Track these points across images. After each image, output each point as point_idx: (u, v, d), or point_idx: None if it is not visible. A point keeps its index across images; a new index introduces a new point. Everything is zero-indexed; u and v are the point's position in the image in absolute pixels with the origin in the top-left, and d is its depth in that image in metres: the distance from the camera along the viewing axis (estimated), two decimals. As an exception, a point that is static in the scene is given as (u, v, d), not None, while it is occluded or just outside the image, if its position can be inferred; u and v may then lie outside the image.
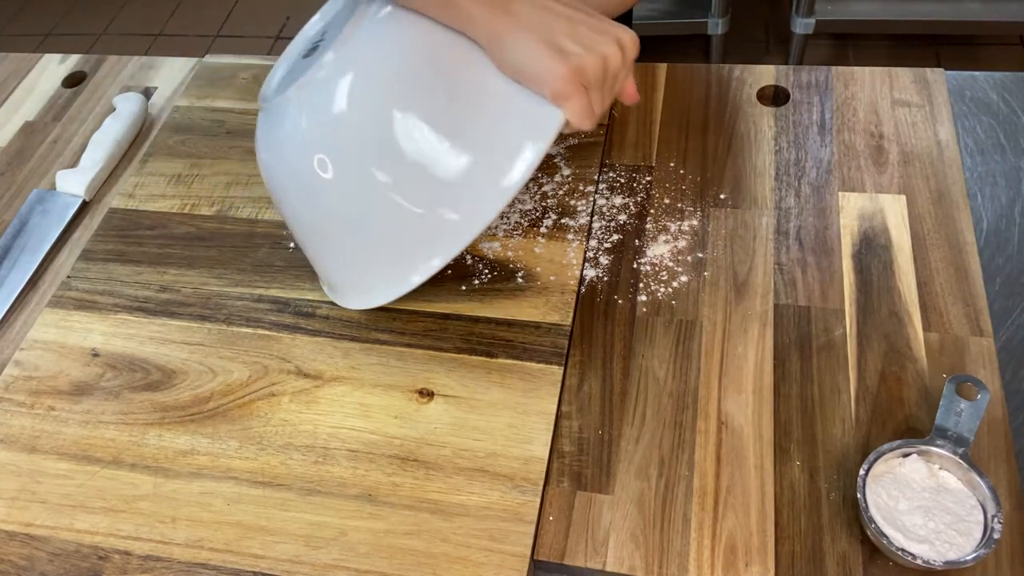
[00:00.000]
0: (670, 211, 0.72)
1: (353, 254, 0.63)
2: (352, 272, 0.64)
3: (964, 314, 0.63)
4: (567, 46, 0.53)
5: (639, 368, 0.63)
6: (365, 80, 0.57)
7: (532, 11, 0.54)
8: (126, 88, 0.92)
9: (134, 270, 0.74)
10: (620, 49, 0.55)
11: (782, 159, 0.75)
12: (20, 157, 0.87)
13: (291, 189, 0.62)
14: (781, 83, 0.81)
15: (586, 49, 0.54)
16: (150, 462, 0.62)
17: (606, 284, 0.68)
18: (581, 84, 0.54)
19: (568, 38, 0.54)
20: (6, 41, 2.35)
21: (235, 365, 0.66)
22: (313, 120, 0.59)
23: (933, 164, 0.72)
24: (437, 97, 0.56)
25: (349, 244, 0.62)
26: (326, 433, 0.62)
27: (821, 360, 0.62)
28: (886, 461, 0.54)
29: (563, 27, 0.54)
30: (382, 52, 0.58)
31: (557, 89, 0.54)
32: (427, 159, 0.56)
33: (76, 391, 0.66)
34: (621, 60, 0.56)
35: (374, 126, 0.57)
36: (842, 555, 0.53)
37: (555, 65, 0.53)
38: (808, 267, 0.67)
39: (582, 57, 0.53)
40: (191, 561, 0.57)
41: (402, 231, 0.59)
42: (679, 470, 0.58)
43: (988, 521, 0.51)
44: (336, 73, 0.57)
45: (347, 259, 0.63)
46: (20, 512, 0.60)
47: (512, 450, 0.59)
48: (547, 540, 0.56)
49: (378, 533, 0.56)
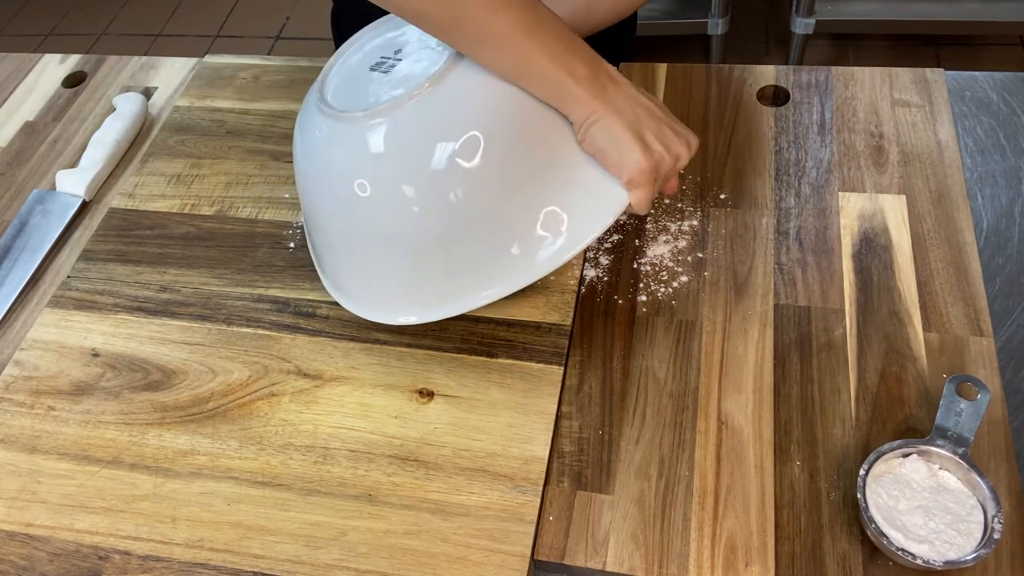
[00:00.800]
0: (670, 211, 0.72)
1: (391, 273, 0.62)
2: (378, 286, 0.64)
3: (964, 314, 0.63)
4: (651, 143, 0.57)
5: (639, 368, 0.63)
6: (460, 115, 0.58)
7: (625, 101, 0.58)
8: (126, 88, 0.92)
9: (134, 270, 0.74)
10: (688, 151, 0.60)
11: (782, 159, 0.75)
12: (20, 157, 0.87)
13: (335, 196, 0.62)
14: (781, 83, 0.81)
15: (665, 148, 0.58)
16: (150, 462, 0.62)
17: (606, 284, 0.68)
18: (655, 178, 0.58)
19: (652, 134, 0.58)
20: (6, 41, 2.35)
21: (235, 365, 0.66)
22: (398, 141, 0.58)
23: (933, 164, 0.72)
24: (521, 148, 0.58)
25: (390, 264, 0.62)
26: (326, 433, 0.62)
27: (821, 360, 0.62)
28: (886, 461, 0.54)
29: (650, 123, 0.58)
30: (478, 94, 0.58)
31: (634, 178, 0.57)
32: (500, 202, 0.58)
33: (76, 391, 0.66)
34: (687, 161, 0.60)
35: (461, 158, 0.57)
36: (842, 555, 0.53)
37: (640, 157, 0.57)
38: (808, 267, 0.67)
39: (662, 155, 0.58)
40: (191, 561, 0.57)
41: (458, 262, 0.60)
42: (679, 470, 0.58)
43: (988, 521, 0.51)
44: (429, 106, 0.57)
45: (380, 275, 0.63)
46: (20, 512, 0.60)
47: (512, 450, 0.59)
48: (547, 540, 0.56)
49: (378, 533, 0.56)
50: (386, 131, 0.58)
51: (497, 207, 0.58)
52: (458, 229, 0.58)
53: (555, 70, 0.56)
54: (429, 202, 0.58)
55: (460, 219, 0.58)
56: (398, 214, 0.59)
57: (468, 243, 0.59)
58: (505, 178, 0.58)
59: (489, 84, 0.58)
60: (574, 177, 0.59)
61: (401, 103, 0.57)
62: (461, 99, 0.58)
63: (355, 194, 0.59)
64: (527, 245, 0.59)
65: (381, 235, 0.60)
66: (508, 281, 0.59)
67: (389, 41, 0.64)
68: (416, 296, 0.62)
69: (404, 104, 0.57)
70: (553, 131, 0.59)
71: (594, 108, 0.57)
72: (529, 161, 0.58)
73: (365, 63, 0.63)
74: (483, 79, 0.58)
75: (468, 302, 0.60)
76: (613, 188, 0.59)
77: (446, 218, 0.58)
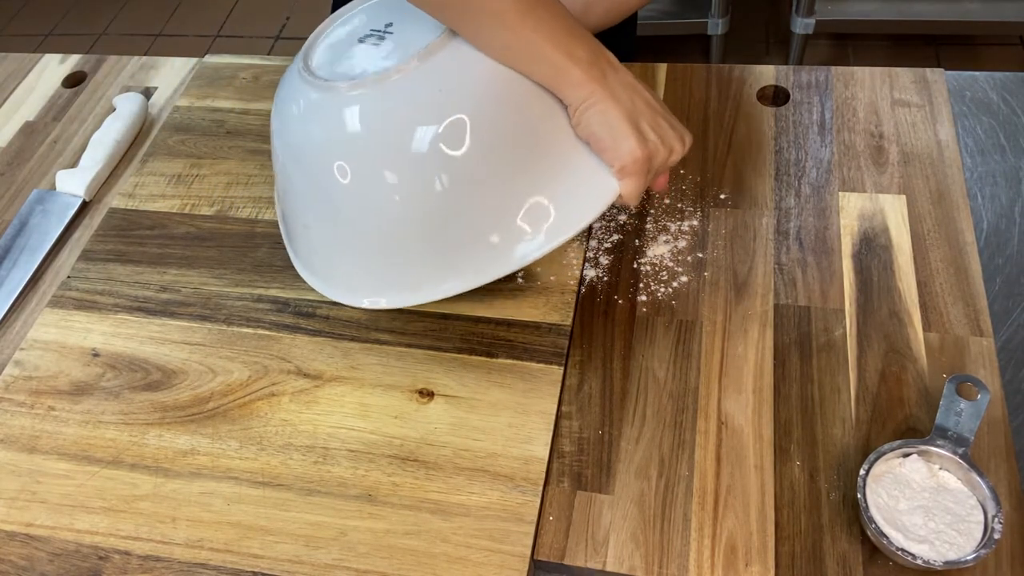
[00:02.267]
0: (670, 211, 0.72)
1: (363, 255, 0.61)
2: (347, 267, 0.63)
3: (964, 314, 0.63)
4: (647, 132, 0.57)
5: (639, 368, 0.63)
6: (448, 95, 0.56)
7: (623, 88, 0.57)
8: (126, 88, 0.92)
9: (134, 270, 0.74)
10: (683, 146, 0.59)
11: (782, 159, 0.75)
12: (20, 157, 0.87)
13: (309, 171, 0.60)
14: (781, 83, 0.81)
15: (661, 139, 0.57)
16: (150, 462, 0.62)
17: (606, 284, 0.68)
18: (647, 169, 0.57)
19: (648, 124, 0.57)
20: (6, 41, 2.35)
21: (235, 365, 0.66)
22: (380, 117, 0.57)
23: (933, 164, 0.72)
24: (509, 132, 0.57)
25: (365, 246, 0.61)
26: (326, 433, 0.62)
27: (821, 360, 0.62)
28: (886, 461, 0.54)
29: (647, 113, 0.57)
30: (469, 73, 0.57)
31: (627, 166, 0.57)
32: (485, 189, 0.57)
33: (76, 391, 0.66)
34: (680, 156, 0.60)
35: (445, 143, 0.55)
36: (842, 555, 0.53)
37: (635, 144, 0.56)
38: (808, 267, 0.67)
39: (656, 146, 0.57)
40: (191, 561, 0.57)
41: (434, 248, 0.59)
42: (679, 470, 0.58)
43: (988, 521, 0.51)
44: (417, 82, 0.56)
45: (351, 256, 0.62)
46: (20, 512, 0.60)
47: (512, 450, 0.59)
48: (547, 540, 0.56)
49: (378, 533, 0.56)
50: (368, 105, 0.56)
51: (482, 195, 0.57)
52: (438, 215, 0.57)
53: (554, 51, 0.55)
54: (410, 185, 0.57)
55: (441, 205, 0.57)
56: (376, 196, 0.57)
57: (448, 230, 0.58)
58: (492, 165, 0.56)
59: (481, 64, 0.56)
60: (564, 165, 0.58)
61: (387, 76, 0.55)
62: (451, 78, 0.56)
63: (331, 171, 0.58)
64: (508, 234, 0.58)
65: (357, 216, 0.59)
66: (488, 270, 0.58)
67: (382, 14, 0.63)
68: (389, 280, 0.61)
69: (390, 77, 0.55)
70: (545, 116, 0.57)
71: (592, 91, 0.56)
72: (518, 147, 0.57)
73: (355, 34, 0.62)
74: (475, 58, 0.56)
75: (442, 289, 0.59)
76: (604, 177, 0.58)
77: (427, 203, 0.57)
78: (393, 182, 0.57)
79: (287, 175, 0.63)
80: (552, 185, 0.58)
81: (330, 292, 0.64)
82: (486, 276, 0.59)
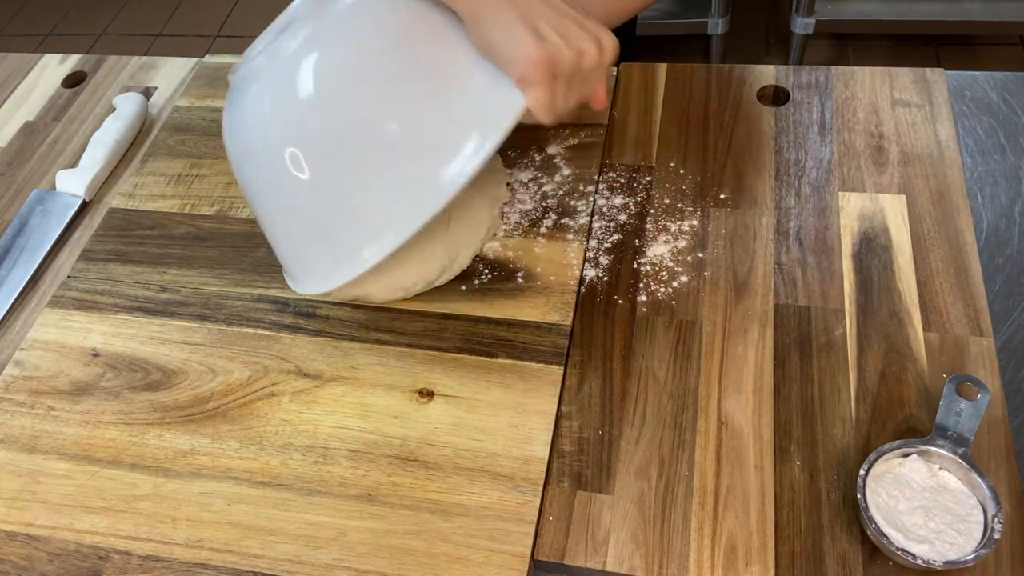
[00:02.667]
0: (670, 211, 0.72)
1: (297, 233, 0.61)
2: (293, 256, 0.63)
3: (964, 314, 0.63)
4: (547, 33, 0.52)
5: (639, 368, 0.63)
6: (331, 54, 0.56)
7: None
8: (126, 88, 0.92)
9: (134, 270, 0.74)
10: (598, 49, 0.54)
11: (782, 159, 0.75)
12: (20, 157, 0.87)
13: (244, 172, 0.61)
14: (781, 83, 0.81)
15: (564, 40, 0.53)
16: (150, 462, 0.62)
17: (606, 284, 0.68)
18: (551, 74, 0.53)
19: (549, 26, 0.53)
20: (6, 41, 2.35)
21: (235, 365, 0.66)
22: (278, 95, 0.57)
23: (933, 164, 0.72)
24: (403, 72, 0.55)
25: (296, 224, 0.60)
26: (326, 433, 0.62)
27: (821, 360, 0.62)
28: (886, 461, 0.54)
29: (548, 15, 0.53)
30: (356, 24, 0.56)
31: (525, 73, 0.53)
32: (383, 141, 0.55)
33: (76, 391, 0.66)
34: (597, 60, 0.55)
35: (336, 101, 0.55)
36: (842, 555, 0.53)
37: (530, 48, 0.52)
38: (808, 267, 0.67)
39: (558, 47, 0.52)
40: (191, 561, 0.57)
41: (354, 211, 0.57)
42: (679, 470, 0.58)
43: (988, 521, 0.51)
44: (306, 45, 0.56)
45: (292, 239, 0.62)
46: (20, 512, 0.60)
47: (512, 450, 0.59)
48: (547, 540, 0.56)
49: (378, 533, 0.56)
50: (255, 89, 0.57)
51: (389, 143, 0.55)
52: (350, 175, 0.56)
53: None
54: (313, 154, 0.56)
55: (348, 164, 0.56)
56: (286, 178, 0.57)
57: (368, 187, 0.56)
58: (390, 107, 0.55)
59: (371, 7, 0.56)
60: (466, 87, 0.55)
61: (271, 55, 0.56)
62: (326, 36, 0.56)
63: (250, 167, 0.59)
64: (426, 170, 0.55)
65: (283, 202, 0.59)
66: (412, 218, 0.55)
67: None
68: (338, 255, 0.59)
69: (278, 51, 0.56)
70: (443, 42, 0.55)
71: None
72: (412, 82, 0.55)
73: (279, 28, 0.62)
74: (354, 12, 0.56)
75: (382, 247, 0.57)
76: (508, 92, 0.54)
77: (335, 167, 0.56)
78: (298, 155, 0.56)
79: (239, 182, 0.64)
80: (457, 110, 0.55)
81: (297, 287, 0.64)
82: (420, 217, 0.56)
